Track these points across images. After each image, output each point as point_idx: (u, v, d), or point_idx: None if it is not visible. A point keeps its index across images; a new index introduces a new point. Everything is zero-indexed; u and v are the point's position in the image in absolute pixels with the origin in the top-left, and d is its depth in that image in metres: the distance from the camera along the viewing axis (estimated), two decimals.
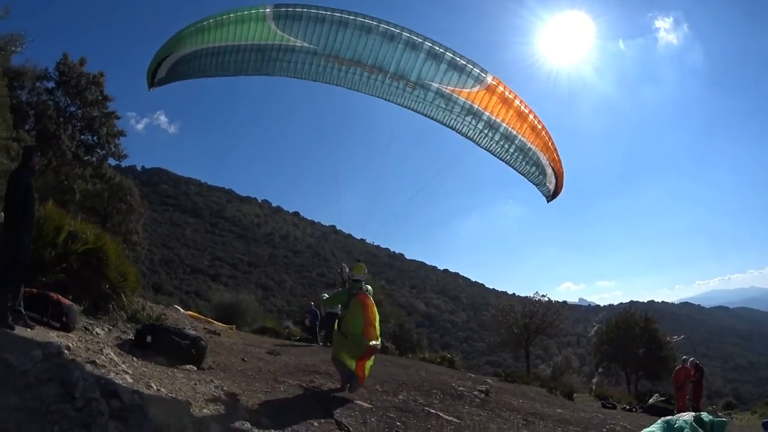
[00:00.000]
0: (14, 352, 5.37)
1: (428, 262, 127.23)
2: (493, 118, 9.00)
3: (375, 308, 9.35)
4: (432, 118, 9.09)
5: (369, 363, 9.34)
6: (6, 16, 15.76)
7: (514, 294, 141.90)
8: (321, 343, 20.08)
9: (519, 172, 9.79)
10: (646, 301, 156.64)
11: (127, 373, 6.44)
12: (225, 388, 7.76)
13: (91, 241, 9.40)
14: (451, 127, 9.17)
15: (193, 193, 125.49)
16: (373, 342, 8.99)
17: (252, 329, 25.92)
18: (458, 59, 8.38)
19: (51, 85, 22.82)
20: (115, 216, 24.43)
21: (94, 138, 23.47)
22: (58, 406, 4.61)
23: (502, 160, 9.60)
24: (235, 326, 22.41)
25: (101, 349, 7.21)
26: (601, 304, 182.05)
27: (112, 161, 25.09)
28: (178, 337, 8.93)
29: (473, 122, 9.04)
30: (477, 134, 9.21)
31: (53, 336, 6.88)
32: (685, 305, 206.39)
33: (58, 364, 5.45)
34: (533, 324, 37.91)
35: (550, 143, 9.53)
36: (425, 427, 7.92)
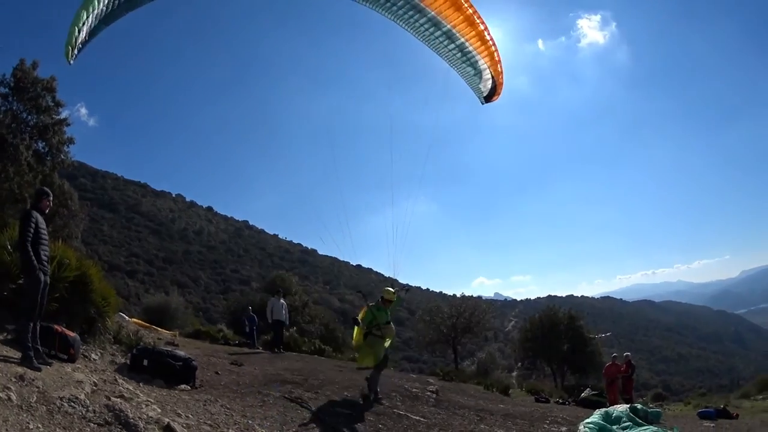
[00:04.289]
0: (63, 398, 5.45)
1: (341, 258, 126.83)
2: (438, 17, 9.36)
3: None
4: (378, 11, 9.63)
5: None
6: None
7: (428, 289, 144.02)
8: (275, 350, 19.82)
9: (455, 70, 10.41)
10: (564, 295, 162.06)
11: (150, 402, 6.58)
12: (228, 407, 7.99)
13: (74, 266, 9.29)
14: (394, 20, 9.66)
15: (110, 187, 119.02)
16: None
17: (186, 333, 25.46)
18: None
19: (5, 90, 21.51)
20: (56, 221, 23.26)
21: (46, 146, 22.39)
22: None
23: (440, 56, 10.16)
24: (177, 332, 22.05)
25: (115, 379, 7.28)
26: (518, 299, 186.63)
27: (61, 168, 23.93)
28: (172, 359, 9.03)
29: (416, 17, 9.44)
30: (417, 28, 9.68)
31: (69, 370, 6.90)
32: (607, 299, 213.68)
33: (105, 404, 5.58)
34: (460, 323, 37.63)
35: (495, 54, 9.90)
36: (403, 427, 8.53)
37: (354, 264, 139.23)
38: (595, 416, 9.57)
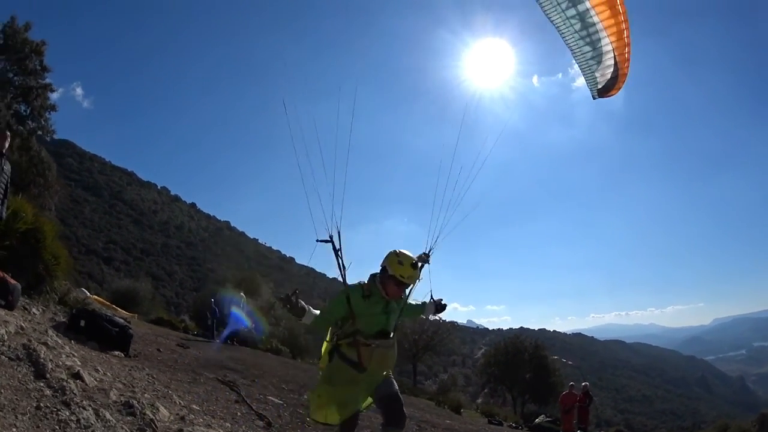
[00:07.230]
0: None
1: (318, 269, 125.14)
2: None
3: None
4: None
5: None
6: None
7: None
8: (224, 341, 19.82)
9: (567, 45, 7.66)
10: (536, 328, 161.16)
11: (74, 355, 6.54)
12: (154, 377, 7.93)
13: (29, 221, 9.24)
14: None
15: (96, 170, 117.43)
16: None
17: (148, 319, 25.23)
18: None
19: None
20: (31, 189, 22.95)
21: (28, 109, 22.10)
22: (34, 384, 4.76)
23: (550, 21, 7.36)
24: (136, 315, 21.84)
25: (46, 330, 7.19)
26: (490, 328, 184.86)
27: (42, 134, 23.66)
28: (109, 324, 8.96)
29: None
30: None
31: (2, 314, 6.84)
32: (578, 336, 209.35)
33: (22, 344, 5.55)
34: (422, 340, 37.12)
35: (625, 33, 7.19)
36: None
37: (330, 276, 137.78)
38: None
